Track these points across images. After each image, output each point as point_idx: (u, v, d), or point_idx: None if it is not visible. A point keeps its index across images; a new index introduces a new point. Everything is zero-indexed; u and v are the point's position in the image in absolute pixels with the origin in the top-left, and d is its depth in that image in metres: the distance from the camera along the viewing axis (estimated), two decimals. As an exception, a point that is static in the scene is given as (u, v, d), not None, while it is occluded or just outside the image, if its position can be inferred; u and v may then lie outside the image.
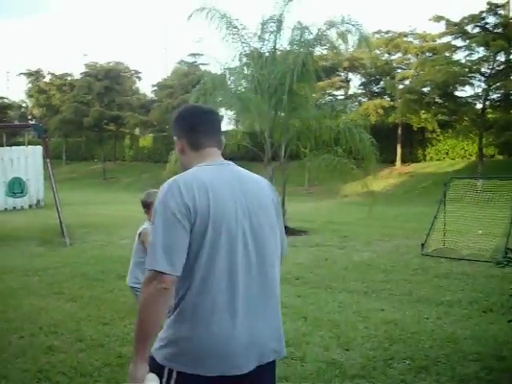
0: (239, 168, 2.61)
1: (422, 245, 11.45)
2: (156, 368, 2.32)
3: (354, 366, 5.13)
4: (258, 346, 2.41)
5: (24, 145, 23.67)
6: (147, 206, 5.21)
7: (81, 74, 48.14)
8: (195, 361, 2.32)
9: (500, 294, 7.56)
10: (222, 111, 32.81)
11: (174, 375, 2.34)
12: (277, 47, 15.53)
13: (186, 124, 2.62)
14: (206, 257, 2.33)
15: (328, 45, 16.55)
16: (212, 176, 2.43)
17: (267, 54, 15.15)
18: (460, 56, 30.91)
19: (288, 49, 15.51)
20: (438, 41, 33.23)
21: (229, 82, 15.47)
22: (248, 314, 2.39)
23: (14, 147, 24.48)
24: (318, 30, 14.86)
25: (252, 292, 2.41)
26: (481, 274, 9.22)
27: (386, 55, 37.00)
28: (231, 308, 2.35)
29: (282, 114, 15.45)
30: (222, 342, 2.33)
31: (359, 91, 39.95)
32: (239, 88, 15.77)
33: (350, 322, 6.54)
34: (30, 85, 54.09)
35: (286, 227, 14.39)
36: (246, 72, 15.80)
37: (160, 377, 2.27)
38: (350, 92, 40.39)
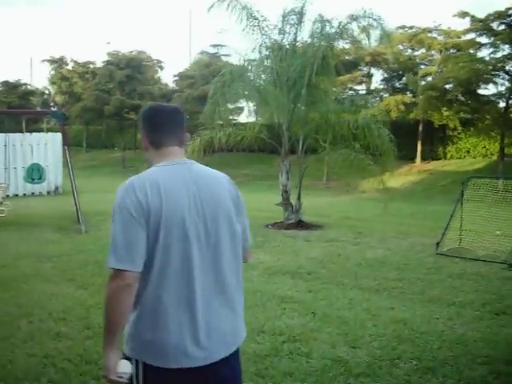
0: (199, 166, 2.70)
1: (437, 244, 11.33)
2: (126, 359, 2.48)
3: (359, 364, 5.09)
4: (216, 338, 2.49)
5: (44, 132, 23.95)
6: None
7: (103, 62, 48.23)
8: (156, 353, 2.43)
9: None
10: (243, 103, 32.86)
11: (141, 366, 2.45)
12: (297, 40, 15.41)
13: (148, 123, 2.76)
14: (161, 252, 2.41)
15: (349, 39, 16.40)
16: (166, 175, 2.55)
17: (287, 47, 15.03)
18: (484, 53, 30.49)
19: (308, 42, 15.36)
20: (463, 37, 32.76)
21: (248, 74, 15.36)
22: (205, 306, 2.46)
23: (34, 134, 24.75)
24: (340, 23, 14.69)
25: (209, 285, 2.49)
26: (495, 276, 9.09)
27: (410, 51, 36.60)
28: (188, 301, 2.44)
29: (301, 107, 15.34)
30: (179, 335, 2.43)
31: (381, 86, 39.62)
32: (258, 80, 15.68)
33: (358, 320, 6.49)
34: (52, 72, 54.27)
35: (300, 221, 14.51)
36: (265, 64, 15.70)
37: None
38: (372, 87, 40.10)
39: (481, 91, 29.58)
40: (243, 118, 42.05)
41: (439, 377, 4.84)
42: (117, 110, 43.92)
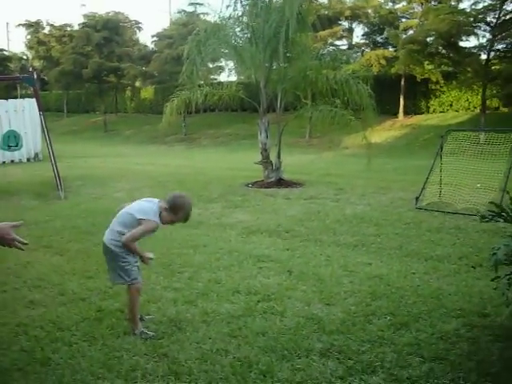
0: None
1: (417, 198, 11.31)
2: None
3: (333, 321, 5.07)
4: None
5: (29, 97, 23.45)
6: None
7: (79, 25, 47.36)
8: None
9: (491, 249, 7.44)
10: (222, 62, 32.36)
11: None
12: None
13: None
14: None
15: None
16: None
17: (262, 3, 14.68)
18: (465, 5, 30.27)
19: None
20: (444, -11, 32.49)
21: (224, 32, 15.04)
22: None
23: (10, 100, 24.27)
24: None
25: None
26: (474, 229, 9.07)
27: (390, 4, 36.22)
28: None
29: (279, 64, 15.10)
30: None
31: (362, 41, 39.24)
32: (234, 38, 15.37)
33: (335, 277, 6.47)
34: (29, 36, 53.31)
35: (280, 179, 14.44)
36: (241, 21, 15.37)
37: None
38: (353, 42, 39.69)
39: (462, 43, 29.46)
40: (224, 78, 41.65)
41: (413, 331, 4.82)
42: (95, 73, 43.36)
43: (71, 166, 18.82)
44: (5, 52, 53.60)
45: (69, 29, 50.76)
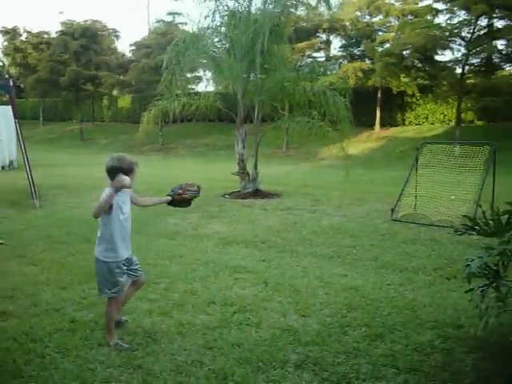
0: None
1: (392, 210, 11.40)
2: None
3: (308, 332, 5.07)
4: None
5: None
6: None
7: (57, 32, 47.08)
8: None
9: (465, 261, 7.50)
10: (200, 72, 32.31)
11: None
12: (252, 7, 15.15)
13: None
14: None
15: (305, 6, 16.21)
16: None
17: (241, 14, 14.73)
18: (441, 19, 30.63)
19: (262, 8, 15.11)
20: (420, 3, 32.94)
21: (203, 42, 15.06)
22: None
23: (-17, 107, 23.98)
24: (294, -11, 14.50)
25: None
26: (448, 241, 9.15)
27: (368, 17, 36.55)
28: None
29: (256, 75, 15.16)
30: None
31: (339, 54, 39.52)
32: (213, 48, 15.41)
33: (311, 288, 6.47)
34: (5, 43, 52.89)
35: (257, 190, 14.45)
36: (219, 31, 15.42)
37: None
38: (330, 54, 39.94)
39: (438, 57, 29.82)
40: (202, 88, 41.66)
41: (387, 343, 4.84)
42: (73, 81, 43.15)
43: (47, 175, 18.64)
44: (-19, 58, 53.17)
45: (46, 36, 50.47)
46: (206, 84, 50.49)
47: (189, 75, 34.54)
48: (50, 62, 44.33)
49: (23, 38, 52.38)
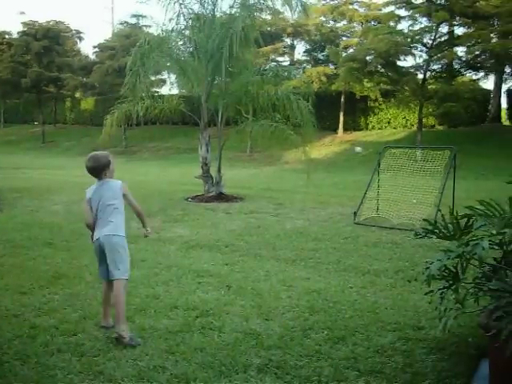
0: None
1: (355, 213, 11.50)
2: None
3: (271, 336, 5.07)
4: None
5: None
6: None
7: (18, 33, 46.38)
8: None
9: (425, 264, 7.60)
10: (165, 75, 32.12)
11: None
12: (217, 10, 15.15)
13: None
14: None
15: (270, 10, 16.28)
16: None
17: (206, 17, 14.72)
18: (403, 26, 31.10)
19: (228, 12, 15.14)
20: (383, 10, 33.35)
21: (168, 45, 14.99)
22: None
23: None
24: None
25: None
26: (410, 244, 9.26)
27: (332, 22, 36.89)
28: None
29: (221, 79, 15.15)
30: None
31: (303, 58, 39.80)
32: (177, 51, 15.34)
33: (273, 291, 6.48)
34: (-35, 43, 51.79)
35: (221, 194, 14.44)
36: (184, 34, 15.37)
37: None
38: (295, 59, 40.20)
39: (400, 63, 30.22)
40: (166, 91, 41.46)
41: (349, 345, 4.87)
42: (34, 83, 42.57)
43: (7, 178, 18.35)
44: None
45: (7, 36, 49.59)
46: (170, 87, 50.37)
47: (153, 78, 34.37)
48: (11, 63, 43.68)
49: (-17, 37, 51.39)
